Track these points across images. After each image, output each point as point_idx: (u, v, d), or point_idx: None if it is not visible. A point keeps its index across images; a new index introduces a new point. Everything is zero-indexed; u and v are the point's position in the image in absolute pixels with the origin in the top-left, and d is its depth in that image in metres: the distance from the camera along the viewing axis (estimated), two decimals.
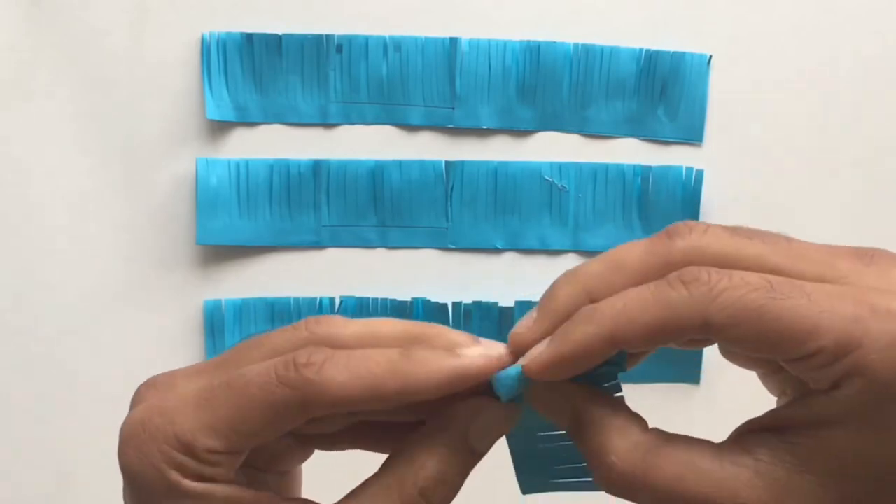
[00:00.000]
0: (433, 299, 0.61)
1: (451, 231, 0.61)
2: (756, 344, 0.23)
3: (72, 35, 0.59)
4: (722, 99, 0.61)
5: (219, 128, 0.61)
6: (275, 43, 0.60)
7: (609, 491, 0.25)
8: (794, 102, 0.62)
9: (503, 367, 0.25)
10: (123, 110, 0.60)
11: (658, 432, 0.25)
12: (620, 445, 0.24)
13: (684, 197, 0.61)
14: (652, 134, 0.62)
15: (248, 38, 0.60)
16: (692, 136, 0.62)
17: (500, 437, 0.26)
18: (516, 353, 0.26)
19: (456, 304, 0.61)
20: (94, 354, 0.61)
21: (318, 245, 0.61)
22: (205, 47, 0.60)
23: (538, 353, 0.25)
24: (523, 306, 0.61)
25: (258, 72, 0.60)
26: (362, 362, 0.24)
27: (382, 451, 0.28)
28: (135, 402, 0.27)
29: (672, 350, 0.27)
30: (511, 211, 0.62)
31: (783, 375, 0.26)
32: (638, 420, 0.25)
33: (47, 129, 0.60)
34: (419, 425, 0.26)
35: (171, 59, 0.60)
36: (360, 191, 0.61)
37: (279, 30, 0.60)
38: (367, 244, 0.62)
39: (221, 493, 0.25)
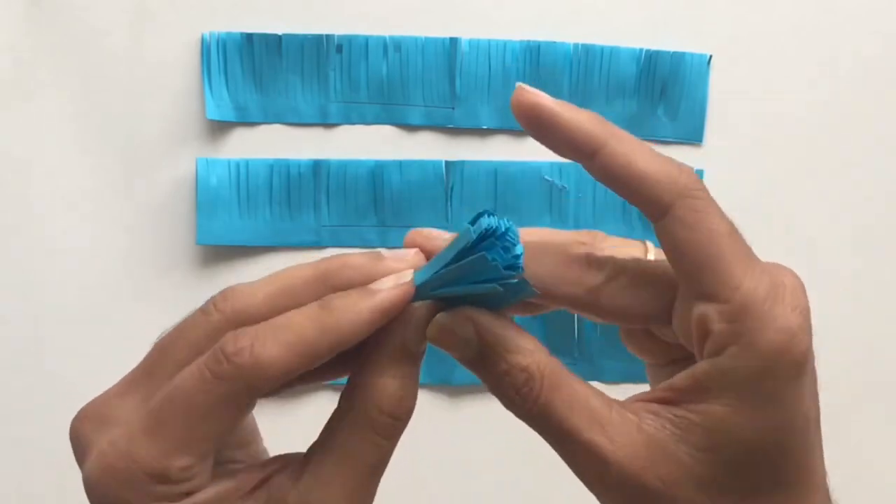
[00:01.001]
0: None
1: (450, 231, 0.61)
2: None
3: (72, 35, 0.59)
4: (722, 99, 0.61)
5: (219, 128, 0.61)
6: (275, 43, 0.60)
7: (515, 410, 0.26)
8: (794, 102, 0.62)
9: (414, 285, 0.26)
10: (123, 110, 0.60)
11: (560, 362, 0.26)
12: (531, 364, 0.25)
13: None
14: (652, 134, 0.62)
15: (248, 38, 0.60)
16: (692, 136, 0.62)
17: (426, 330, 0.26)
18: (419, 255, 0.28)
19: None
20: (95, 354, 0.61)
21: (318, 245, 0.61)
22: (205, 47, 0.60)
23: (538, 93, 0.27)
24: None
25: (258, 72, 0.60)
26: (288, 331, 0.24)
27: (329, 379, 0.28)
28: (79, 444, 0.27)
29: None
30: (511, 211, 0.62)
31: (671, 369, 0.28)
32: (540, 344, 0.26)
33: (47, 129, 0.60)
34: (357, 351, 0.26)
35: (171, 59, 0.60)
36: (360, 191, 0.61)
37: (279, 30, 0.60)
38: (367, 244, 0.62)
39: (210, 496, 0.25)
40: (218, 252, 0.61)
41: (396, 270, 0.27)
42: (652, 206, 0.25)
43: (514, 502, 0.63)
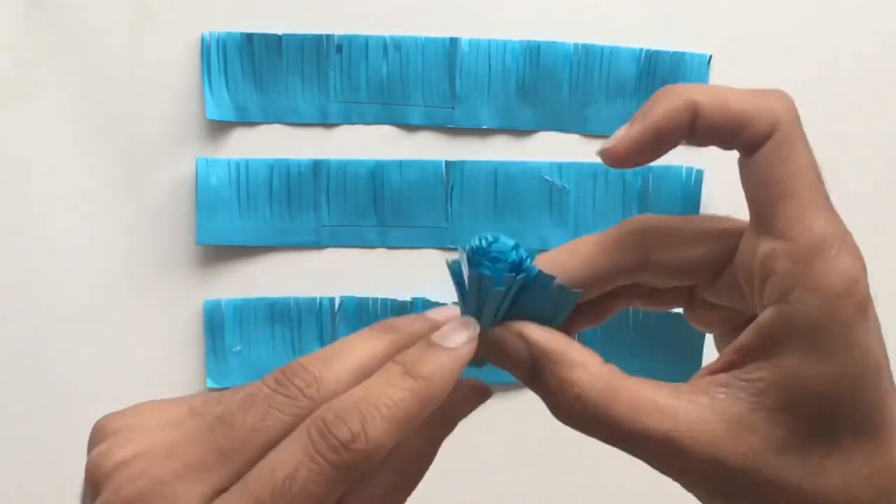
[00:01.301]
0: (433, 299, 0.61)
1: (451, 231, 0.61)
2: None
3: (72, 35, 0.59)
4: None
5: (219, 128, 0.61)
6: (275, 43, 0.60)
7: (572, 425, 0.26)
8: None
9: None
10: (123, 110, 0.60)
11: (616, 368, 0.26)
12: (583, 378, 0.25)
13: (684, 197, 0.61)
14: None
15: (248, 38, 0.60)
16: None
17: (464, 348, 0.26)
18: None
19: (456, 304, 0.61)
20: (95, 354, 0.61)
21: (318, 245, 0.61)
22: (205, 47, 0.60)
23: (622, 134, 0.25)
24: None
25: (258, 72, 0.60)
26: (393, 408, 0.24)
27: None
28: None
29: (672, 349, 0.28)
30: (511, 211, 0.62)
31: (735, 336, 0.27)
32: (594, 354, 0.26)
33: (47, 129, 0.60)
34: None
35: (171, 59, 0.60)
36: (360, 191, 0.61)
37: (279, 30, 0.60)
38: (367, 244, 0.62)
39: None
40: (218, 252, 0.61)
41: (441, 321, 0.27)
42: (752, 144, 0.25)
43: (513, 502, 0.63)
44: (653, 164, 0.67)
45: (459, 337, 0.26)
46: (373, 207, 0.61)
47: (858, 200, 0.63)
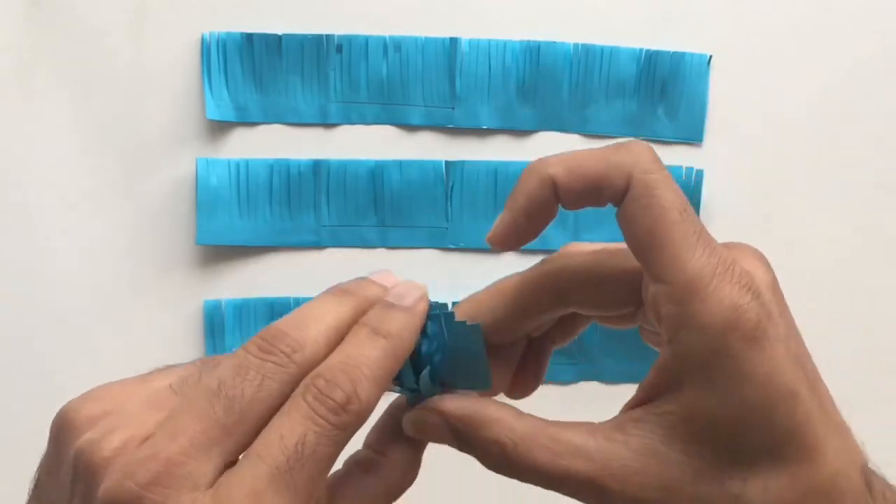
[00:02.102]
0: (433, 299, 0.61)
1: (451, 231, 0.61)
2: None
3: (72, 35, 0.59)
4: (722, 99, 0.61)
5: (219, 128, 0.61)
6: (275, 43, 0.60)
7: (505, 475, 0.27)
8: (794, 102, 0.62)
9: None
10: (123, 110, 0.60)
11: (534, 417, 0.27)
12: (500, 433, 0.26)
13: None
14: (652, 134, 0.62)
15: (248, 38, 0.60)
16: (692, 136, 0.62)
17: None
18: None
19: (456, 304, 0.61)
20: (95, 354, 0.61)
21: (318, 245, 0.61)
22: (205, 47, 0.60)
23: (497, 222, 0.27)
24: None
25: (258, 72, 0.60)
26: (374, 367, 0.26)
27: None
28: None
29: None
30: None
31: (654, 337, 0.29)
32: (510, 409, 0.27)
33: (47, 129, 0.60)
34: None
35: (171, 59, 0.60)
36: (360, 191, 0.61)
37: (279, 30, 0.60)
38: (367, 244, 0.62)
39: None
40: (218, 252, 0.61)
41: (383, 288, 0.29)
42: (615, 200, 0.26)
43: (513, 502, 0.63)
44: None
45: (413, 295, 0.28)
46: (373, 207, 0.61)
47: (858, 201, 0.63)
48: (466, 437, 0.27)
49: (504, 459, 0.26)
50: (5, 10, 0.59)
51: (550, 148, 0.61)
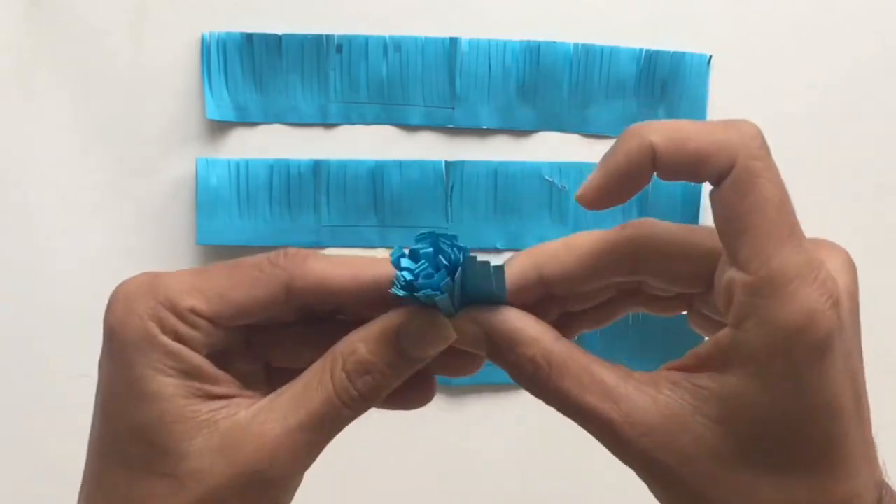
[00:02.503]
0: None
1: (451, 231, 0.61)
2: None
3: (72, 35, 0.59)
4: (722, 99, 0.61)
5: (219, 128, 0.61)
6: (275, 43, 0.60)
7: (533, 395, 0.27)
8: (794, 102, 0.62)
9: None
10: (123, 110, 0.60)
11: (573, 344, 0.27)
12: (536, 353, 0.27)
13: (684, 197, 0.61)
14: None
15: (248, 38, 0.60)
16: None
17: (431, 349, 0.28)
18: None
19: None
20: (95, 354, 0.61)
21: (318, 245, 0.61)
22: (205, 47, 0.60)
23: (589, 180, 0.27)
24: None
25: (258, 72, 0.60)
26: (341, 258, 0.28)
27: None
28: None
29: (671, 350, 0.28)
30: (511, 211, 0.62)
31: (709, 323, 0.29)
32: (549, 329, 0.27)
33: (47, 129, 0.60)
34: None
35: (171, 59, 0.60)
36: (360, 191, 0.61)
37: (279, 30, 0.60)
38: (367, 244, 0.62)
39: (189, 358, 0.27)
40: (218, 252, 0.61)
41: None
42: (714, 180, 0.25)
43: (513, 502, 0.63)
44: None
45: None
46: (373, 207, 0.61)
47: (858, 201, 0.63)
48: (502, 352, 0.27)
49: (535, 380, 0.27)
50: (5, 10, 0.59)
51: (550, 148, 0.62)
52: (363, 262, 0.28)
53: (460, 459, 0.63)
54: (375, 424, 0.60)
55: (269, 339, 0.30)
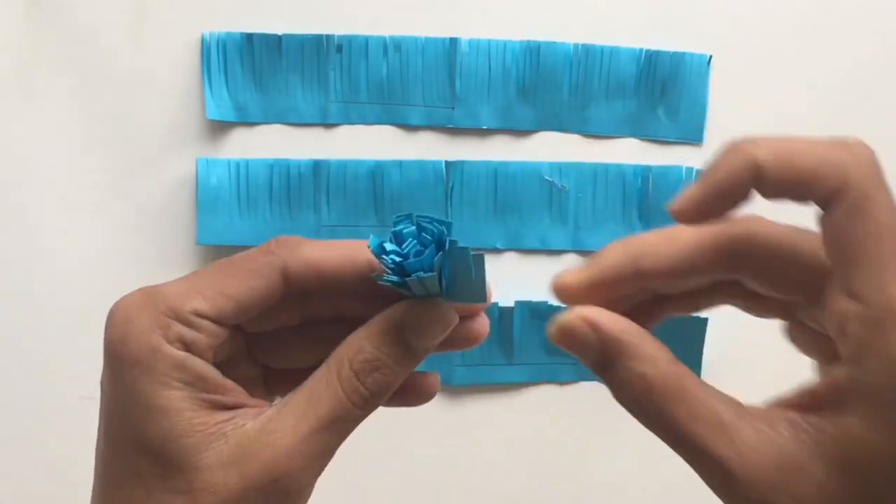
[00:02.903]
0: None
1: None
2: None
3: (72, 35, 0.59)
4: (722, 99, 0.61)
5: (219, 128, 0.61)
6: (275, 43, 0.60)
7: (633, 415, 0.25)
8: (794, 102, 0.62)
9: None
10: (123, 110, 0.60)
11: (686, 368, 0.25)
12: (651, 373, 0.25)
13: None
14: (652, 134, 0.62)
15: (248, 38, 0.60)
16: (692, 136, 0.62)
17: (435, 338, 0.28)
18: (561, 296, 0.28)
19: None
20: (95, 354, 0.61)
21: None
22: (205, 47, 0.60)
23: (686, 193, 0.25)
24: (523, 306, 0.61)
25: (258, 72, 0.60)
26: (333, 242, 0.28)
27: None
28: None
29: (671, 349, 0.27)
30: (511, 211, 0.62)
31: (809, 334, 0.27)
32: (664, 349, 0.25)
33: (47, 129, 0.60)
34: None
35: (171, 59, 0.60)
36: (360, 191, 0.61)
37: (279, 30, 0.60)
38: None
39: (195, 367, 0.27)
40: (218, 252, 0.61)
41: None
42: (821, 202, 0.24)
43: (513, 502, 0.63)
44: (653, 163, 0.67)
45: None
46: (373, 207, 0.61)
47: None
48: (612, 361, 0.25)
49: (642, 401, 0.25)
50: (5, 10, 0.59)
51: (550, 148, 0.62)
52: (356, 244, 0.28)
53: (460, 459, 0.63)
54: (375, 424, 0.60)
55: (272, 342, 0.30)
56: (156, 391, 0.26)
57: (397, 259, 0.26)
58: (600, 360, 0.26)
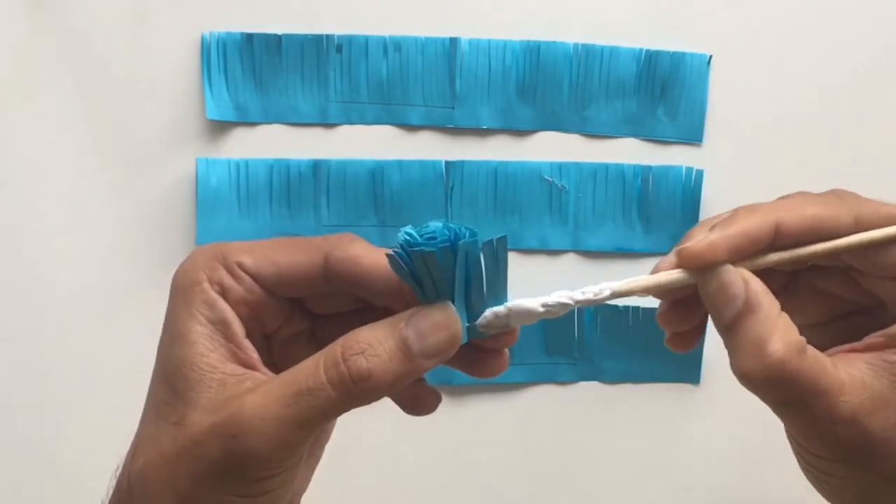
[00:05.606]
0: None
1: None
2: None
3: (72, 35, 0.59)
4: (722, 99, 0.61)
5: (219, 128, 0.61)
6: (275, 43, 0.60)
7: (750, 377, 0.28)
8: (794, 102, 0.62)
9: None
10: (123, 110, 0.60)
11: (802, 339, 0.28)
12: (784, 340, 0.28)
13: (684, 197, 0.61)
14: (652, 134, 0.62)
15: (248, 38, 0.60)
16: (692, 136, 0.62)
17: (434, 341, 0.28)
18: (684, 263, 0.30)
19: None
20: (94, 354, 0.61)
21: None
22: (205, 47, 0.60)
23: (701, 236, 0.29)
24: None
25: (258, 72, 0.60)
26: (378, 248, 0.30)
27: None
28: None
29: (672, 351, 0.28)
30: (511, 211, 0.62)
31: (835, 325, 0.31)
32: (792, 324, 0.29)
33: (47, 129, 0.60)
34: None
35: (171, 59, 0.60)
36: (360, 191, 0.61)
37: (279, 30, 0.60)
38: None
39: (223, 310, 0.29)
40: None
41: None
42: None
43: (513, 502, 0.63)
44: (652, 163, 0.67)
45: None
46: (373, 207, 0.61)
47: None
48: (750, 322, 0.28)
49: (773, 359, 0.27)
50: (5, 10, 0.59)
51: (550, 148, 0.62)
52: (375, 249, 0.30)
53: (460, 459, 0.62)
54: (376, 424, 0.60)
55: (337, 329, 0.31)
56: (184, 319, 0.29)
57: (408, 237, 0.27)
58: (737, 317, 0.28)
